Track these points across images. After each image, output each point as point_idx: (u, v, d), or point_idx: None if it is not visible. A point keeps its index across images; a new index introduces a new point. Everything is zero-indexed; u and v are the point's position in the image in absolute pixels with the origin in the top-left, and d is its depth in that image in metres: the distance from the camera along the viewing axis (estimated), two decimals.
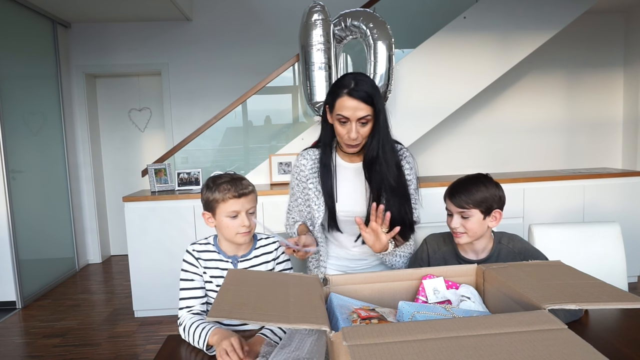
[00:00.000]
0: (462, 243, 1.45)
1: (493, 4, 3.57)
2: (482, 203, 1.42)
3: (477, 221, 1.42)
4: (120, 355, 2.74)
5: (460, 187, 1.45)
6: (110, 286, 4.07)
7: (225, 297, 0.91)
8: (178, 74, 4.68)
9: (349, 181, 1.55)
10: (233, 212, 1.36)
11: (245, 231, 1.37)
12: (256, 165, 3.70)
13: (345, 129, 1.41)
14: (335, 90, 1.42)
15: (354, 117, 1.38)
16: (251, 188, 1.41)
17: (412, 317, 0.96)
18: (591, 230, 1.85)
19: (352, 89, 1.37)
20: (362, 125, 1.40)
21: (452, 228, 1.45)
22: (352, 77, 1.41)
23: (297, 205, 1.66)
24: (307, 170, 1.58)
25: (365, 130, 1.41)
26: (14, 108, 3.77)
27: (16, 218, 3.65)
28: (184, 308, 1.37)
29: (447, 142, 4.34)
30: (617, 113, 4.54)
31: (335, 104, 1.41)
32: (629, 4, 4.25)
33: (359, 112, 1.38)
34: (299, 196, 1.64)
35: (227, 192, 1.35)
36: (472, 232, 1.43)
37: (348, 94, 1.38)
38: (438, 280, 1.12)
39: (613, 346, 1.15)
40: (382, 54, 3.20)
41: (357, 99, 1.37)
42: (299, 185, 1.62)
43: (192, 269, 1.40)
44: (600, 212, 3.44)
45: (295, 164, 1.64)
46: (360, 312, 1.00)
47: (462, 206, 1.42)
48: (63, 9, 4.16)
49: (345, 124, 1.40)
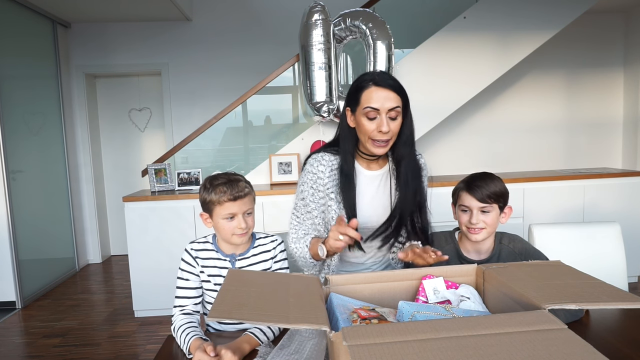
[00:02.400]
0: (479, 240, 1.43)
1: (493, 4, 3.57)
2: (500, 197, 1.42)
3: (495, 216, 1.42)
4: (120, 355, 2.74)
5: (480, 182, 1.43)
6: (110, 286, 4.07)
7: (225, 297, 0.91)
8: (178, 74, 4.68)
9: (368, 190, 1.46)
10: (229, 215, 1.35)
11: (242, 233, 1.37)
12: (256, 165, 3.70)
13: (375, 124, 1.32)
14: (358, 85, 1.36)
15: (383, 109, 1.31)
16: (247, 190, 1.39)
17: (412, 317, 0.96)
18: (591, 230, 1.85)
19: (378, 79, 1.32)
20: (391, 119, 1.32)
21: (471, 224, 1.42)
22: (371, 72, 1.37)
23: (311, 218, 1.47)
24: (326, 177, 1.43)
25: (396, 126, 1.33)
26: (14, 108, 3.77)
27: (16, 218, 3.65)
28: (177, 307, 1.38)
29: (447, 142, 4.34)
30: (617, 113, 4.54)
31: (362, 98, 1.33)
32: (629, 4, 4.25)
33: (389, 102, 1.31)
34: (314, 207, 1.46)
35: (223, 194, 1.34)
36: (491, 228, 1.42)
37: (375, 83, 1.32)
38: (438, 280, 1.12)
39: (613, 346, 1.15)
40: (381, 54, 3.20)
41: (386, 88, 1.31)
42: (315, 195, 1.46)
43: (189, 268, 1.40)
44: (600, 212, 3.44)
45: (311, 170, 1.46)
46: (360, 312, 1.00)
47: (485, 200, 1.40)
48: (63, 9, 4.16)
49: (374, 119, 1.32)
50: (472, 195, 1.42)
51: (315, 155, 1.47)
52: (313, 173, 1.45)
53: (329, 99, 3.21)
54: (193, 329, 1.27)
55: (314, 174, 1.45)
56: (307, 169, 1.47)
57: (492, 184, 1.43)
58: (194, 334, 1.24)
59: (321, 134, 3.55)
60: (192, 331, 1.26)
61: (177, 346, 1.28)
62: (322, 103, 3.21)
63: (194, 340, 1.22)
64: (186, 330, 1.26)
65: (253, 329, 1.27)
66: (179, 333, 1.27)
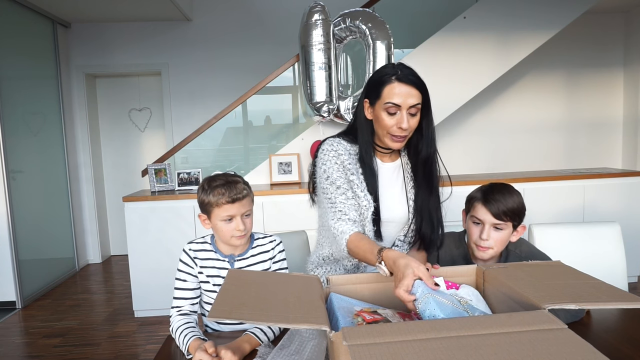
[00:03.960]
0: (485, 258, 1.35)
1: (493, 4, 3.57)
2: (516, 216, 1.32)
3: (507, 235, 1.33)
4: (120, 355, 2.74)
5: (498, 195, 1.33)
6: (110, 286, 4.07)
7: (225, 297, 0.91)
8: (178, 74, 4.68)
9: (387, 182, 1.45)
10: (227, 217, 1.34)
11: (240, 235, 1.36)
12: (256, 165, 3.70)
13: (395, 120, 1.31)
14: (380, 79, 1.33)
15: (405, 105, 1.29)
16: (246, 192, 1.37)
17: (424, 297, 0.94)
18: (591, 230, 1.85)
19: (401, 75, 1.30)
20: (411, 115, 1.31)
21: (481, 239, 1.34)
22: (393, 65, 1.33)
23: (348, 199, 1.37)
24: (345, 159, 1.39)
25: (414, 122, 1.32)
26: (14, 108, 3.77)
27: (16, 218, 3.65)
28: (175, 307, 1.38)
29: (447, 142, 4.35)
30: (617, 113, 4.55)
31: (383, 92, 1.31)
32: (629, 4, 4.25)
33: (411, 99, 1.29)
34: (342, 182, 1.38)
35: (222, 196, 1.32)
36: (498, 248, 1.33)
37: (398, 79, 1.29)
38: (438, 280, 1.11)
39: (613, 346, 1.15)
40: (381, 54, 3.20)
41: (409, 84, 1.29)
42: (340, 171, 1.39)
43: (187, 269, 1.40)
44: (600, 212, 3.44)
45: (330, 149, 1.41)
46: (365, 315, 1.00)
47: (500, 217, 1.31)
48: (63, 9, 4.16)
49: (395, 114, 1.30)
50: (488, 208, 1.33)
51: (331, 140, 1.44)
52: (334, 151, 1.41)
53: (329, 99, 3.21)
54: (192, 330, 1.27)
55: (335, 152, 1.41)
56: (325, 149, 1.42)
57: (510, 198, 1.33)
58: (193, 335, 1.24)
59: (321, 134, 3.55)
60: (191, 331, 1.25)
61: (176, 346, 1.28)
62: (322, 103, 3.21)
63: (193, 340, 1.21)
64: (185, 331, 1.26)
65: (253, 328, 1.26)
66: (177, 334, 1.27)
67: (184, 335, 1.25)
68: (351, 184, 1.38)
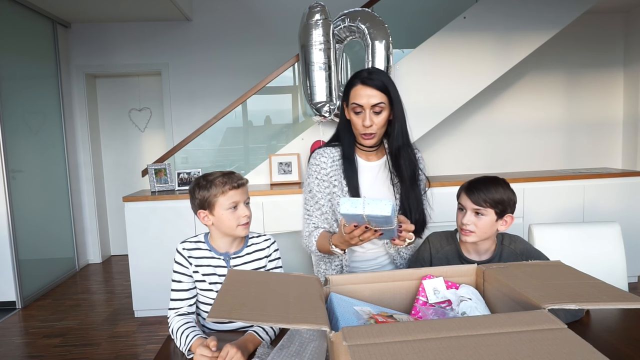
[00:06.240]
0: (468, 242, 1.43)
1: (493, 4, 3.57)
2: (498, 204, 1.41)
3: (489, 222, 1.41)
4: (120, 355, 2.74)
5: (479, 185, 1.44)
6: (110, 286, 4.07)
7: (224, 298, 0.91)
8: (178, 74, 4.68)
9: (370, 180, 1.55)
10: (234, 203, 1.37)
11: (247, 221, 1.39)
12: (256, 165, 3.70)
13: (360, 118, 1.44)
14: (349, 83, 1.47)
15: (367, 105, 1.42)
16: (244, 180, 1.43)
17: None
18: (591, 230, 1.85)
19: (366, 78, 1.43)
20: (376, 114, 1.43)
21: (462, 224, 1.43)
22: (366, 70, 1.47)
23: (319, 208, 1.56)
24: (328, 167, 1.54)
25: (380, 120, 1.44)
26: (14, 108, 3.77)
27: (16, 218, 3.65)
28: (172, 309, 1.39)
29: (447, 142, 4.34)
30: (617, 113, 4.54)
31: (350, 95, 1.45)
32: (629, 4, 4.25)
33: (372, 99, 1.41)
34: (320, 197, 1.55)
35: (225, 184, 1.36)
36: (481, 232, 1.41)
37: (362, 82, 1.43)
38: (438, 280, 1.12)
39: (613, 346, 1.15)
40: (380, 54, 3.20)
41: (370, 87, 1.42)
42: (320, 185, 1.55)
43: (181, 269, 1.40)
44: (600, 212, 3.44)
45: (313, 162, 1.57)
46: (378, 317, 0.99)
47: (479, 203, 1.41)
48: (63, 9, 4.16)
49: (360, 113, 1.44)
50: (468, 195, 1.43)
51: (318, 150, 1.59)
52: (316, 165, 1.56)
53: (329, 99, 3.21)
54: (193, 329, 1.27)
55: (317, 166, 1.55)
56: (311, 163, 1.58)
57: (493, 189, 1.42)
58: (195, 334, 1.24)
59: (321, 134, 3.55)
60: (193, 331, 1.26)
61: (176, 346, 1.28)
62: (322, 103, 3.21)
63: (196, 339, 1.22)
64: (186, 331, 1.26)
65: (255, 327, 1.27)
66: (178, 334, 1.27)
67: (186, 335, 1.25)
68: (332, 195, 1.52)
